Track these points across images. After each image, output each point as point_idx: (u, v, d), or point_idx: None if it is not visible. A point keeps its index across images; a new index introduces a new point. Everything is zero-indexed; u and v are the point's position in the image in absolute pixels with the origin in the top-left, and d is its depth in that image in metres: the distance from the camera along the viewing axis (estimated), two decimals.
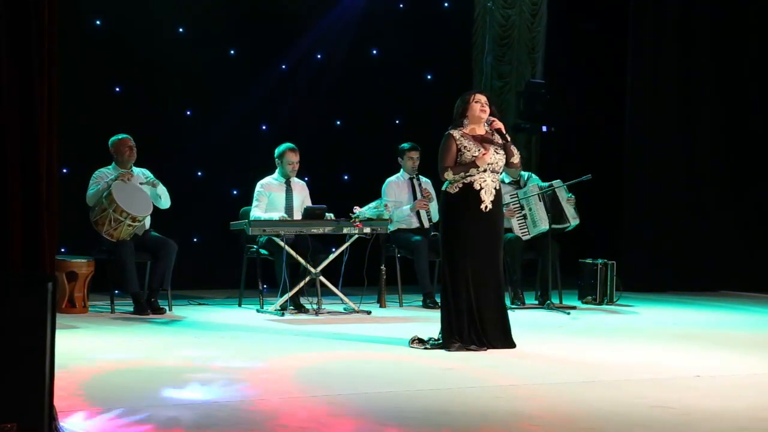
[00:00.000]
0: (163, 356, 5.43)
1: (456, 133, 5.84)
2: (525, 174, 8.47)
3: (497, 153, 5.83)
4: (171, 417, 3.93)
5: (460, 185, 5.78)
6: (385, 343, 6.03)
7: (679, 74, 9.96)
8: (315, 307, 7.40)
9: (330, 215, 7.52)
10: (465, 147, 5.77)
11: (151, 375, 4.88)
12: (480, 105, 5.88)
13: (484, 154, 5.70)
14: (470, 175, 5.76)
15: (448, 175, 5.81)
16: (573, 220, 8.32)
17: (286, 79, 9.20)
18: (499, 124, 5.91)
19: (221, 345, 5.95)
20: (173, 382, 4.63)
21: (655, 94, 9.91)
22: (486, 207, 5.78)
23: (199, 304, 7.79)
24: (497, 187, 5.85)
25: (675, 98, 9.95)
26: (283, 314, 7.23)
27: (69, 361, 4.78)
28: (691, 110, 10.02)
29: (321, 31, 9.34)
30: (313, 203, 7.75)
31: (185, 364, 5.17)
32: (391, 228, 7.86)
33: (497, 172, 5.89)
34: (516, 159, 5.97)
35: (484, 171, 5.78)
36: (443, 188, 5.89)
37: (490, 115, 5.90)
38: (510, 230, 8.03)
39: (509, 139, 5.98)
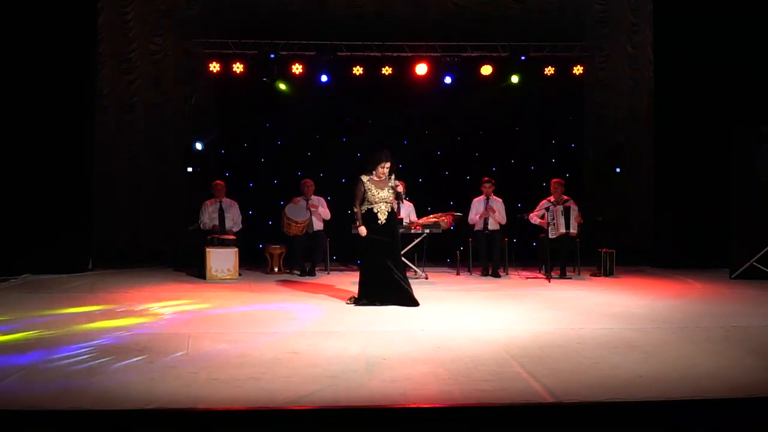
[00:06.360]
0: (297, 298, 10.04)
1: (365, 178, 9.11)
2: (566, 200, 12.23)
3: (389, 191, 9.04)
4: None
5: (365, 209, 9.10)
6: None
7: None
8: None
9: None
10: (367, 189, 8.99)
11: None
12: (384, 169, 9.03)
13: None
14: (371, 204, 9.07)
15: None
16: (573, 231, 12.18)
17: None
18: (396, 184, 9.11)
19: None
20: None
21: None
22: (381, 222, 9.11)
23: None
24: (389, 210, 9.06)
25: None
26: None
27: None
28: None
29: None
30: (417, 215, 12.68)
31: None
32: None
33: (388, 203, 9.11)
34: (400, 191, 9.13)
35: (378, 203, 9.05)
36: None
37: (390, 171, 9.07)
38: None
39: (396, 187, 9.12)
